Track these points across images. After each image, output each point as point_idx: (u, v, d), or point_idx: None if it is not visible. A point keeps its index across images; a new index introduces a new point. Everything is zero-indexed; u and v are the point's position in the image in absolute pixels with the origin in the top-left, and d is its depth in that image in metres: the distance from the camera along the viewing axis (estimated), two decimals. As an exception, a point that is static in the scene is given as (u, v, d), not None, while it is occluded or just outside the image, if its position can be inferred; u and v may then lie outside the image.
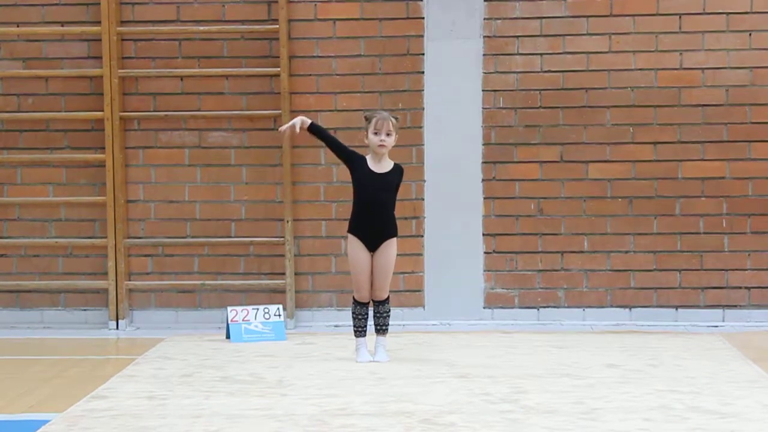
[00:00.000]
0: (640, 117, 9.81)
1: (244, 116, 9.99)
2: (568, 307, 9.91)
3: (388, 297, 8.19)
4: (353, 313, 8.18)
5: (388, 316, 8.21)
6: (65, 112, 10.04)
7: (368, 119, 8.04)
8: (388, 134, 8.00)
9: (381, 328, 8.20)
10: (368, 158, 8.10)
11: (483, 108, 9.86)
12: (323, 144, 8.15)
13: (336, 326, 9.82)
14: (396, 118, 8.08)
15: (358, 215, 8.10)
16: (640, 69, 9.79)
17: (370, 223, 8.05)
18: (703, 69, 9.77)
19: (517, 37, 9.84)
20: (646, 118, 9.80)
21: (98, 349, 9.19)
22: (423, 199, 9.89)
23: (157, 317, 10.07)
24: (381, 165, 8.08)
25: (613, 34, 9.80)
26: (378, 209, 8.05)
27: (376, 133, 7.99)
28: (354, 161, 8.09)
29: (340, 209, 9.77)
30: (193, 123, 10.02)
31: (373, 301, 8.18)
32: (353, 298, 8.19)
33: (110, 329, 9.92)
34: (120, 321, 9.93)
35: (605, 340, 9.08)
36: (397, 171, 8.12)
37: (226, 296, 10.00)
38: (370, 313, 8.20)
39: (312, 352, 8.59)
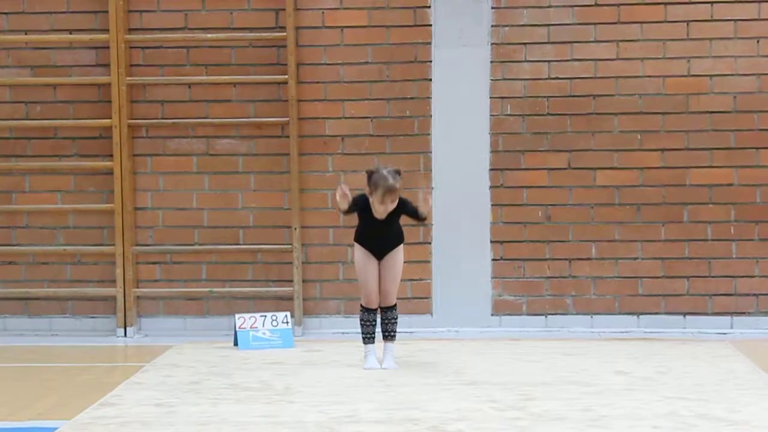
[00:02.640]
0: (647, 124, 9.80)
1: (251, 124, 9.99)
2: (576, 314, 9.90)
3: (396, 303, 8.18)
4: (361, 320, 8.18)
5: (396, 322, 8.20)
6: (73, 119, 10.05)
7: (375, 184, 7.83)
8: (392, 201, 7.90)
9: (389, 335, 8.20)
10: (371, 202, 7.95)
11: (490, 115, 9.86)
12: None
13: (343, 333, 9.82)
14: (398, 173, 7.88)
15: (364, 232, 8.10)
16: (647, 76, 9.78)
17: (376, 240, 8.06)
18: (710, 76, 9.76)
19: (525, 44, 9.84)
20: (653, 125, 9.80)
21: (106, 356, 9.20)
22: (431, 207, 9.87)
23: (165, 324, 10.07)
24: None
25: (621, 41, 9.80)
26: (384, 233, 8.04)
27: (382, 203, 7.90)
28: (359, 210, 8.00)
29: (347, 217, 9.75)
30: (201, 130, 10.03)
31: (380, 307, 8.17)
32: (361, 305, 8.18)
33: (118, 337, 9.93)
34: (128, 328, 9.94)
35: (613, 347, 9.06)
36: (399, 206, 7.94)
37: (234, 303, 9.99)
38: (378, 320, 8.20)
39: (320, 360, 8.59)
